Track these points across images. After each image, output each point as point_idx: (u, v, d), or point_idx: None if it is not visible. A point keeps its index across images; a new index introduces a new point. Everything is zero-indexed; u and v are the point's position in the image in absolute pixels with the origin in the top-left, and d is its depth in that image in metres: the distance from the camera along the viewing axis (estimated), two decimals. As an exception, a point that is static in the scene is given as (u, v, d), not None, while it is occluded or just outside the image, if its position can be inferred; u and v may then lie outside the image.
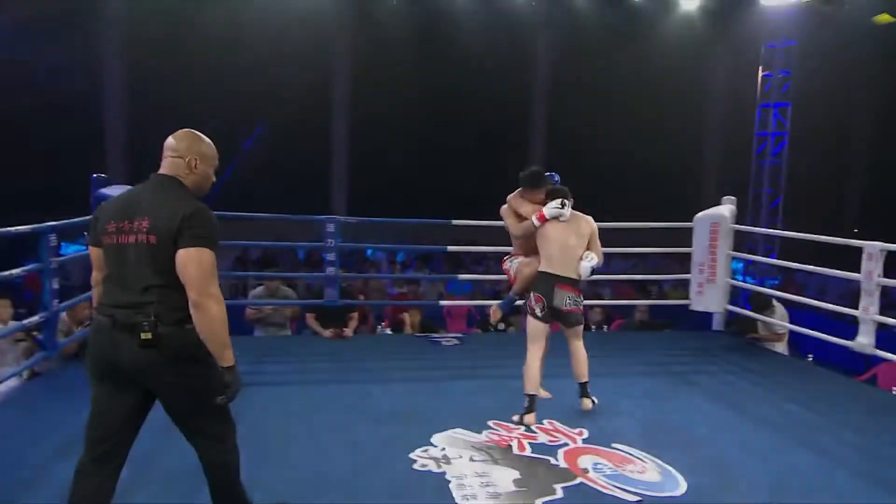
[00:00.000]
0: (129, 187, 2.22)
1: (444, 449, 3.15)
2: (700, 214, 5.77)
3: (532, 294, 3.59)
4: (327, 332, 5.25)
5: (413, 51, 13.56)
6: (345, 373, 4.38)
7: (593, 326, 6.18)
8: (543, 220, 3.58)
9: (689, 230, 5.81)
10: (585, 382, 3.68)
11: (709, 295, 5.67)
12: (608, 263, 12.93)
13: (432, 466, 2.97)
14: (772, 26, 10.90)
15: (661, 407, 3.87)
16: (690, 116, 15.26)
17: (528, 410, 3.51)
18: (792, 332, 5.35)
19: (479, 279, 8.05)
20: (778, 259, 8.92)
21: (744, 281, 9.53)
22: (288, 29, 12.50)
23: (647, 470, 3.02)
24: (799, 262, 5.25)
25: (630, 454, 3.16)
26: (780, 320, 5.29)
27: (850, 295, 5.08)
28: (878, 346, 4.33)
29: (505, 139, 14.96)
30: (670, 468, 3.03)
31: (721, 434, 3.46)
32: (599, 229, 3.71)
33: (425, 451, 3.13)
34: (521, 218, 3.67)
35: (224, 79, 12.66)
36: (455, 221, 5.65)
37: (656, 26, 13.49)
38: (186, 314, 1.89)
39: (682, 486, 2.87)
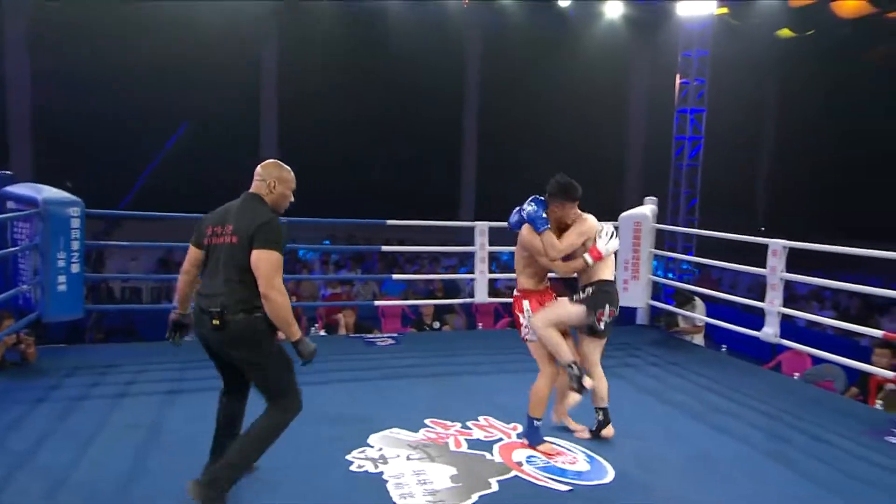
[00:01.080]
0: (37, 185, 2.44)
1: (381, 449, 3.16)
2: (624, 214, 6.04)
3: (607, 308, 3.18)
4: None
5: (342, 53, 13.42)
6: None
7: (526, 324, 6.32)
8: (600, 258, 3.16)
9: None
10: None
11: (633, 291, 5.94)
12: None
13: (369, 467, 2.97)
14: (687, 37, 11.54)
15: (589, 400, 4.01)
16: (615, 121, 15.94)
17: (606, 422, 3.31)
18: (708, 325, 5.71)
19: (413, 279, 8.08)
20: (695, 256, 9.45)
21: (665, 277, 10.04)
22: (215, 27, 12.03)
23: (578, 460, 3.15)
24: (714, 259, 5.61)
25: (561, 446, 3.28)
26: (699, 314, 5.63)
27: (759, 288, 5.46)
28: (782, 335, 4.69)
29: (436, 140, 15.09)
30: (599, 457, 3.17)
31: (645, 423, 3.65)
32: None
33: (362, 452, 3.13)
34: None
35: (143, 76, 12.08)
36: (390, 221, 5.65)
37: (583, 34, 13.97)
38: (251, 305, 2.38)
39: (609, 474, 3.01)
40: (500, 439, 3.34)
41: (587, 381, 3.14)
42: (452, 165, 15.86)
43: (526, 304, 3.24)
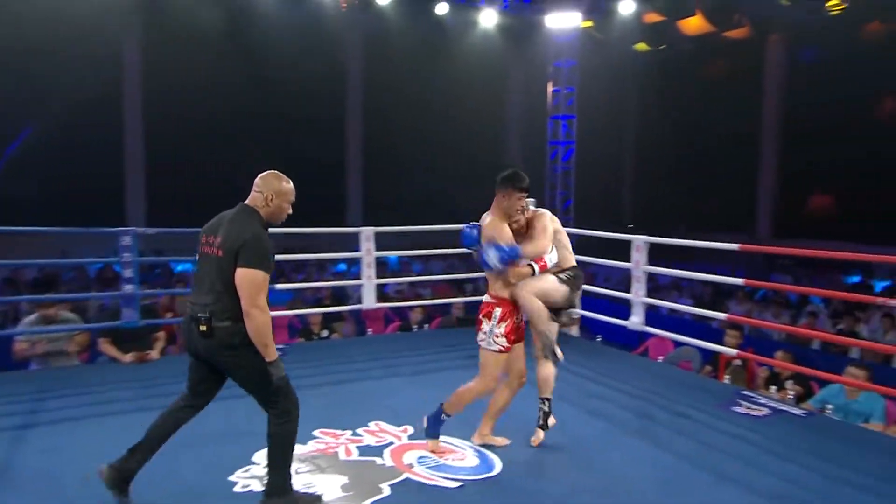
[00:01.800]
0: None
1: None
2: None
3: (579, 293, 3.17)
4: (127, 357, 4.73)
5: (213, 51, 12.71)
6: (152, 398, 3.98)
7: (415, 326, 6.39)
8: (544, 269, 3.13)
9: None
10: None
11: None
12: (426, 263, 13.32)
13: (255, 486, 2.86)
14: (557, 47, 12.27)
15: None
16: (493, 126, 16.55)
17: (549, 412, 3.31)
18: (584, 317, 6.10)
19: (300, 287, 7.83)
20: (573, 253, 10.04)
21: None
22: (71, 21, 10.91)
23: (467, 456, 3.23)
24: (588, 256, 6.00)
25: (451, 444, 3.36)
26: (575, 307, 6.00)
27: (628, 281, 5.92)
28: (648, 323, 5.13)
29: (317, 145, 14.81)
30: (487, 452, 3.28)
31: (530, 413, 3.82)
32: (413, 233, 3.78)
33: (247, 470, 3.00)
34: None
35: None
36: (273, 229, 5.43)
37: (461, 41, 14.37)
38: (238, 314, 2.41)
39: (497, 466, 3.13)
40: (391, 443, 3.36)
41: (559, 352, 3.18)
42: (337, 169, 15.65)
43: (498, 311, 3.13)
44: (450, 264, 12.71)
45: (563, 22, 12.02)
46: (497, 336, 3.12)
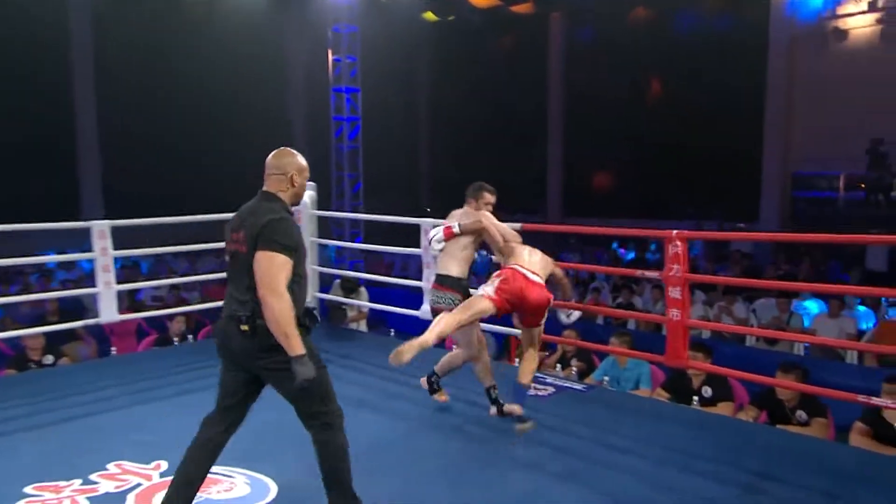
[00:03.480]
0: None
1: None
2: (281, 202, 6.08)
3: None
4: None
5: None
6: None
7: (176, 338, 5.90)
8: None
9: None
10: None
11: (298, 285, 6.06)
12: (194, 264, 12.46)
13: None
14: (336, 10, 12.17)
15: (253, 413, 3.94)
16: (275, 101, 15.99)
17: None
18: (378, 310, 6.18)
19: (12, 302, 6.70)
20: (364, 241, 10.15)
21: (336, 266, 10.55)
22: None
23: (236, 486, 3.06)
24: (382, 243, 6.06)
25: (216, 474, 3.15)
26: (363, 300, 6.05)
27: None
28: (439, 311, 5.35)
29: (48, 137, 13.06)
30: (260, 476, 3.15)
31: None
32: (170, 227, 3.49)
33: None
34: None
35: None
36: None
37: (231, 6, 13.64)
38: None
39: (272, 491, 3.02)
40: (138, 485, 3.05)
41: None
42: (68, 163, 13.88)
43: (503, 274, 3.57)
44: (223, 261, 12.01)
45: (340, -17, 11.99)
46: (492, 285, 3.49)
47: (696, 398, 4.14)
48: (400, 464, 3.29)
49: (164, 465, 3.24)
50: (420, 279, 5.48)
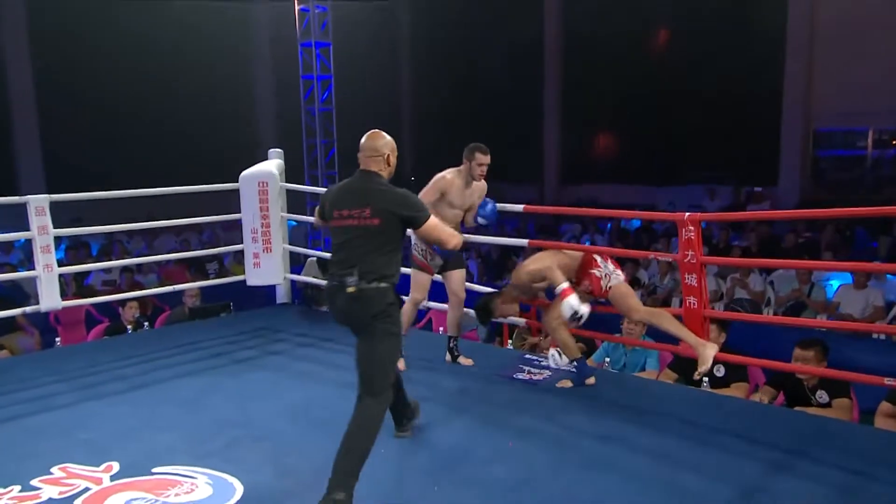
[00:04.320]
0: None
1: None
2: (245, 173, 5.99)
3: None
4: None
5: None
6: None
7: (129, 326, 5.86)
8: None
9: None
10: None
11: (267, 266, 6.00)
12: (150, 244, 12.33)
13: None
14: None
15: (219, 406, 3.95)
16: (234, 60, 15.74)
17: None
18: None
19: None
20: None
21: (310, 245, 10.47)
22: None
23: (197, 487, 3.05)
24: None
25: (175, 475, 3.14)
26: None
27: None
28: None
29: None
30: (223, 475, 3.13)
31: (285, 417, 3.76)
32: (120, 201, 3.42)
33: None
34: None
35: None
36: None
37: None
38: (383, 275, 2.98)
39: (238, 491, 3.01)
40: (86, 490, 3.03)
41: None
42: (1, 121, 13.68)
43: None
44: (184, 239, 11.93)
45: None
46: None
47: (706, 379, 4.15)
48: (374, 459, 3.28)
49: (115, 466, 3.22)
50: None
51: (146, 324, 6.06)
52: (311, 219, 8.45)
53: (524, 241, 5.23)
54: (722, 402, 3.99)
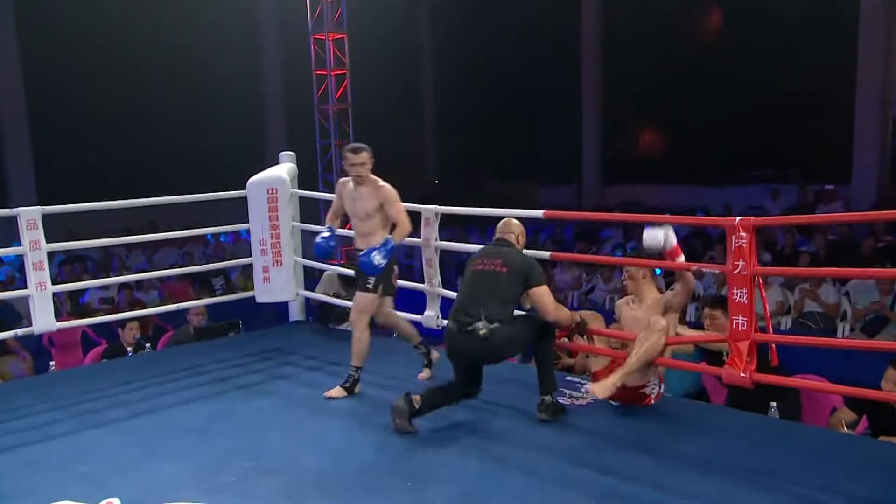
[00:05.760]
0: None
1: None
2: (253, 179, 6.04)
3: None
4: None
5: None
6: None
7: (129, 348, 5.95)
8: None
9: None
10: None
11: (277, 281, 6.04)
12: (150, 258, 12.51)
13: None
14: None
15: (227, 435, 3.99)
16: (242, 55, 16.00)
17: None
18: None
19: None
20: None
21: (325, 258, 10.49)
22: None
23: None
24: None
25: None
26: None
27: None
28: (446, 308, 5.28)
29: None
30: (233, 510, 3.16)
31: (297, 446, 3.79)
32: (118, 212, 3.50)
33: None
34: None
35: None
36: None
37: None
38: (505, 319, 3.94)
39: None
40: (84, 528, 3.07)
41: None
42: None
43: None
44: (186, 252, 12.09)
45: None
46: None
47: (773, 404, 4.07)
48: (401, 485, 3.31)
49: (116, 503, 3.24)
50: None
51: (147, 345, 6.16)
52: (323, 228, 8.53)
53: (546, 254, 5.20)
54: (791, 429, 3.92)
